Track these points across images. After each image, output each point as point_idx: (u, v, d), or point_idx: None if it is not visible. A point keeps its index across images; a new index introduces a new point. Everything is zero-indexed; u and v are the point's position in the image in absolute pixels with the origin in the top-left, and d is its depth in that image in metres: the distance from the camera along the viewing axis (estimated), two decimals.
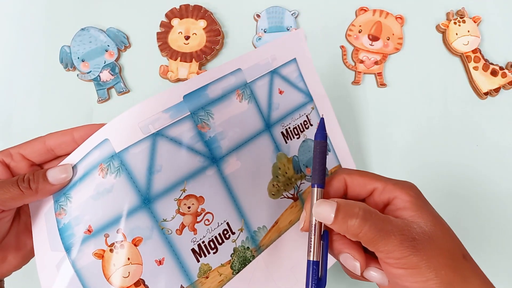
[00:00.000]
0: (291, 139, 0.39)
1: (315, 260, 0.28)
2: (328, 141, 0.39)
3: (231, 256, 0.35)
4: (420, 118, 0.50)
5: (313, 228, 0.28)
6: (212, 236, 0.34)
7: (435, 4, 0.53)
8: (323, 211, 0.26)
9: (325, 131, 0.32)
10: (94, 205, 0.30)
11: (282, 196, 0.38)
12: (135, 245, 0.31)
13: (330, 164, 0.42)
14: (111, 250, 0.30)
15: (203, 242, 0.34)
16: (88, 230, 0.30)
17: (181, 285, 0.32)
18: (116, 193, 0.30)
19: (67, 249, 0.30)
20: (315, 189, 0.29)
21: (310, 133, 0.40)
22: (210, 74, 0.35)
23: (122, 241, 0.30)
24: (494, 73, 0.50)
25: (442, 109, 0.50)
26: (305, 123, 0.40)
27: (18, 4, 0.53)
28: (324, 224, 0.28)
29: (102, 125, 0.30)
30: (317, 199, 0.28)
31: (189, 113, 0.33)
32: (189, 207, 0.33)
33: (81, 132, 0.29)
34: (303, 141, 0.40)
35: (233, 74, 0.37)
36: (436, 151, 0.49)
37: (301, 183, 0.39)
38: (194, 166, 0.34)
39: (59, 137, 0.29)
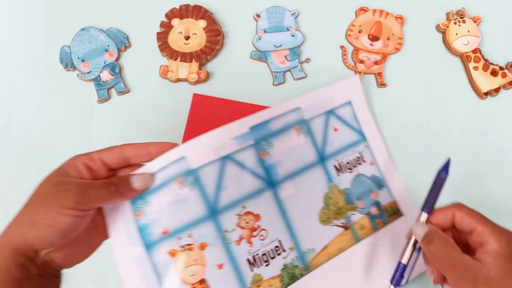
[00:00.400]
0: (343, 173, 0.44)
1: (403, 263, 0.35)
2: (381, 178, 0.46)
3: (281, 270, 0.40)
4: (420, 118, 0.49)
5: (411, 239, 0.34)
6: (265, 250, 0.39)
7: (435, 4, 0.53)
8: (416, 231, 0.33)
9: (448, 170, 0.38)
10: (171, 211, 0.35)
11: (332, 224, 0.42)
12: (201, 249, 0.36)
13: (385, 199, 0.45)
14: (182, 251, 0.35)
15: (257, 254, 0.39)
16: (165, 231, 0.35)
17: None
18: (190, 203, 0.36)
19: (147, 246, 0.35)
20: (422, 213, 0.35)
21: (363, 169, 0.45)
22: (273, 110, 0.42)
23: (191, 244, 0.36)
24: (494, 73, 0.50)
25: (442, 109, 0.50)
26: (358, 159, 0.45)
27: (18, 4, 0.53)
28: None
29: (175, 144, 0.35)
30: (418, 221, 0.34)
31: (253, 142, 0.40)
32: (247, 222, 0.39)
33: (156, 148, 0.34)
34: (356, 175, 0.45)
35: (294, 111, 0.43)
36: (436, 151, 0.49)
37: (352, 214, 0.43)
38: (254, 187, 0.39)
39: (136, 150, 0.34)
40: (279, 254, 0.40)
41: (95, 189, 0.31)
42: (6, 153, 0.49)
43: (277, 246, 0.40)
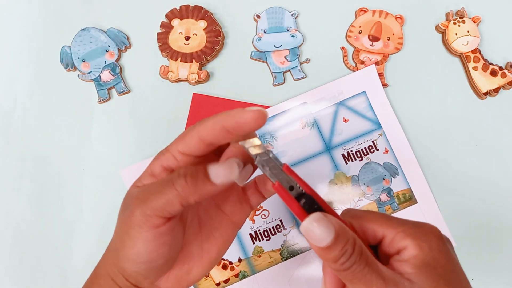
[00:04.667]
0: (352, 161, 0.47)
1: None
2: (396, 165, 0.47)
3: (281, 246, 0.45)
4: (420, 118, 0.50)
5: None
6: (266, 227, 0.45)
7: (435, 4, 0.53)
8: (314, 231, 0.22)
9: None
10: None
11: (336, 208, 0.45)
12: None
13: (399, 187, 0.47)
14: None
15: (259, 230, 0.45)
16: None
17: (239, 257, 0.45)
18: None
19: None
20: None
21: (375, 156, 0.47)
22: (279, 107, 0.47)
23: None
24: (493, 73, 0.50)
25: (442, 109, 0.50)
26: (370, 147, 0.47)
27: (18, 4, 0.53)
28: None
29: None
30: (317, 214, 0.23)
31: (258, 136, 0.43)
32: None
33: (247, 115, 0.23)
34: (366, 163, 0.47)
35: (299, 107, 0.48)
36: (436, 151, 0.49)
37: (359, 200, 0.46)
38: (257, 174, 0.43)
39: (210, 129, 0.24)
40: (280, 232, 0.45)
41: (156, 194, 0.22)
42: (7, 153, 0.49)
43: (278, 225, 0.45)
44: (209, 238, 0.27)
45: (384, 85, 0.50)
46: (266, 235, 0.45)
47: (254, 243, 0.45)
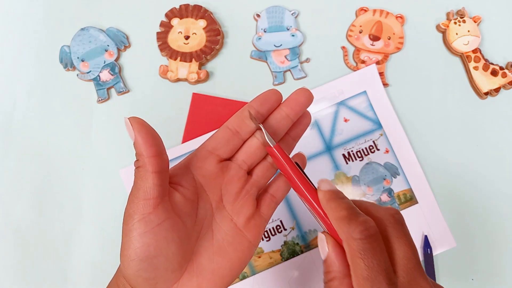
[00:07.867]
0: (352, 161, 0.47)
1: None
2: (397, 165, 0.47)
3: (281, 246, 0.45)
4: (420, 118, 0.49)
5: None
6: (266, 228, 0.43)
7: (435, 4, 0.53)
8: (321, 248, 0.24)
9: (429, 244, 0.43)
10: None
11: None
12: None
13: (399, 187, 0.47)
14: None
15: None
16: None
17: None
18: None
19: None
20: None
21: (376, 157, 0.47)
22: None
23: None
24: (494, 73, 0.50)
25: (442, 109, 0.50)
26: (371, 147, 0.47)
27: (18, 4, 0.53)
28: None
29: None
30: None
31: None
32: None
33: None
34: (367, 163, 0.47)
35: None
36: (437, 151, 0.49)
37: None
38: None
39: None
40: (280, 232, 0.45)
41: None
42: (6, 153, 0.49)
43: (278, 225, 0.45)
44: (221, 251, 0.26)
45: (385, 84, 0.50)
46: (266, 235, 0.45)
47: None
